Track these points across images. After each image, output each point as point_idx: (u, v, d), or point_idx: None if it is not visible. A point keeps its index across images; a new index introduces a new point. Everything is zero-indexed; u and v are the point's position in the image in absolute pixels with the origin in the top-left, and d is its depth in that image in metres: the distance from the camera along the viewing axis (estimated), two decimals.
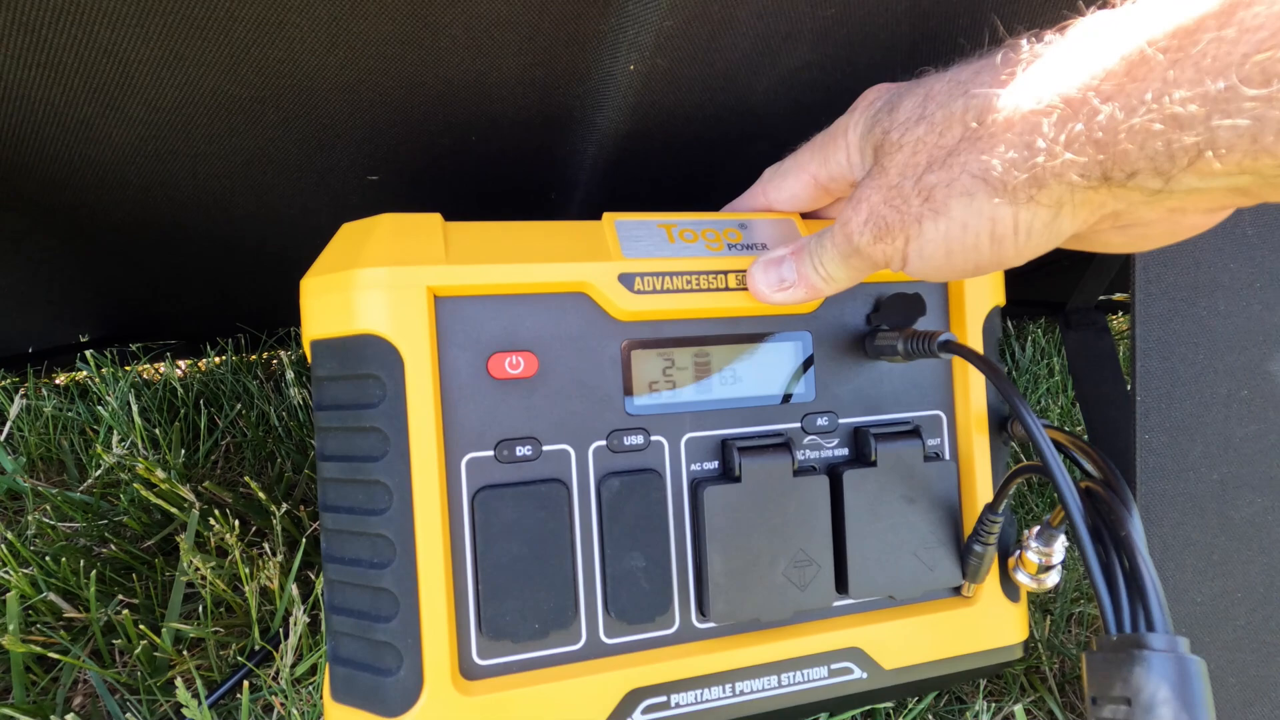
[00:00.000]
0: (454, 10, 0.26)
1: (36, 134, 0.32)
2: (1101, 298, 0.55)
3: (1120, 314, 0.87)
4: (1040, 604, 0.54)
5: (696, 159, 0.40)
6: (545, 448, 0.32)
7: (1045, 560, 0.35)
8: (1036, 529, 0.36)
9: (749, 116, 0.36)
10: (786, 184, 0.35)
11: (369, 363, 0.30)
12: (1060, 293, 0.58)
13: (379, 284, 0.30)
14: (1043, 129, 0.20)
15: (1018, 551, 0.36)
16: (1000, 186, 0.22)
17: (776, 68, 0.32)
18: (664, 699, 0.33)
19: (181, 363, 0.76)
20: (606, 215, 0.34)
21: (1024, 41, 0.22)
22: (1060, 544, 0.35)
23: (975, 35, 0.25)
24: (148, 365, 0.72)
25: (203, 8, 0.24)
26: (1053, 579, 0.36)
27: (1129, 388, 0.37)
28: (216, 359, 0.72)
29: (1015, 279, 0.43)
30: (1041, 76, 0.21)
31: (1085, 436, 0.52)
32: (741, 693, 0.34)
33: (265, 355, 0.76)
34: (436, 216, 0.32)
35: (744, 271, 0.34)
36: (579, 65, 0.32)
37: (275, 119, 0.32)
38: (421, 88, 0.31)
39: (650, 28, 0.28)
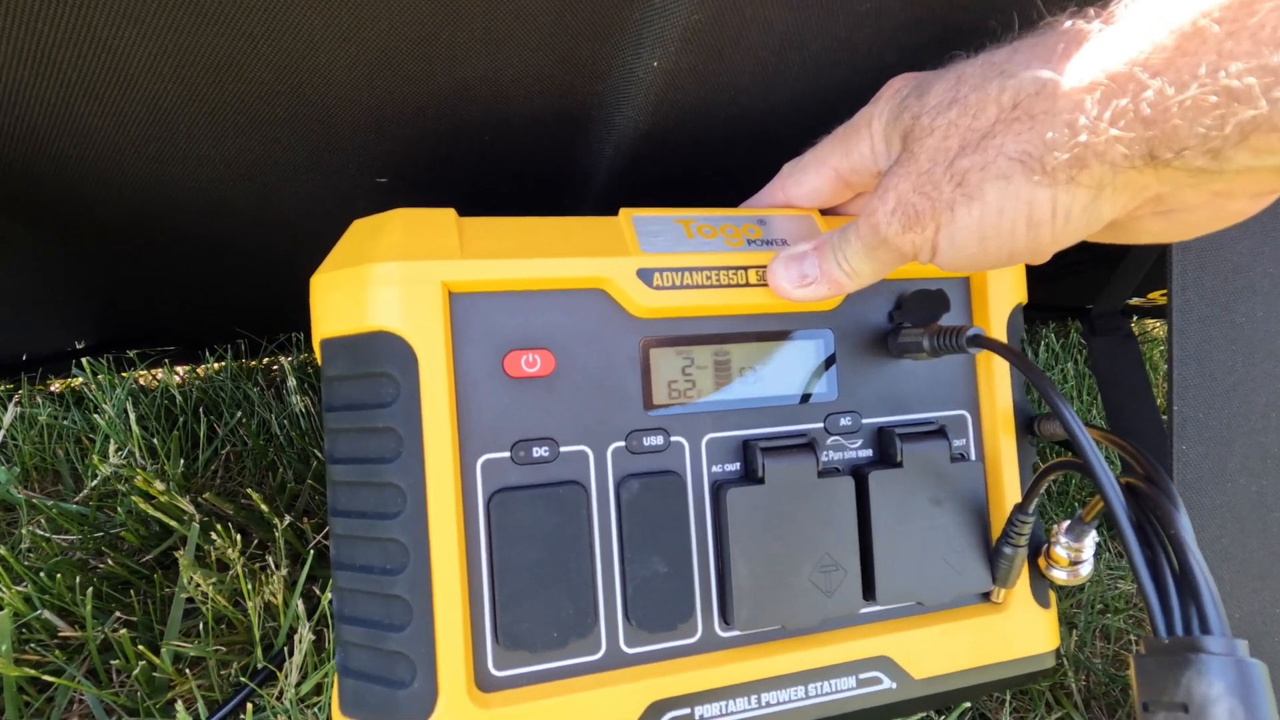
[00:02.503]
0: (473, 3, 0.26)
1: (32, 134, 0.31)
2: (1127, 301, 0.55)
3: (1135, 318, 0.86)
4: (1066, 617, 0.53)
5: (716, 158, 0.40)
6: (563, 449, 0.31)
7: (1075, 555, 0.34)
8: (1066, 524, 0.35)
9: (772, 115, 0.35)
10: (806, 178, 0.34)
11: (382, 361, 0.29)
12: (1081, 297, 0.57)
13: (392, 279, 0.29)
14: (1085, 106, 0.20)
15: (1046, 546, 0.35)
16: (1039, 168, 0.21)
17: (804, 65, 0.31)
18: (687, 711, 0.31)
19: (180, 369, 0.75)
20: (624, 210, 0.33)
21: (1064, 19, 0.22)
22: (1091, 539, 0.34)
23: (1008, 20, 0.25)
24: (145, 371, 0.71)
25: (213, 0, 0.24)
26: (1086, 569, 0.35)
27: (1164, 397, 0.36)
28: (216, 365, 0.70)
29: (1035, 282, 0.42)
30: (1084, 53, 0.20)
31: None
32: (768, 704, 0.32)
33: (266, 361, 0.74)
34: (450, 211, 0.31)
35: (764, 267, 0.33)
36: (599, 62, 0.31)
37: (282, 118, 0.31)
38: (435, 85, 0.30)
39: (677, 22, 0.27)
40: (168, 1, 0.24)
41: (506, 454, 0.30)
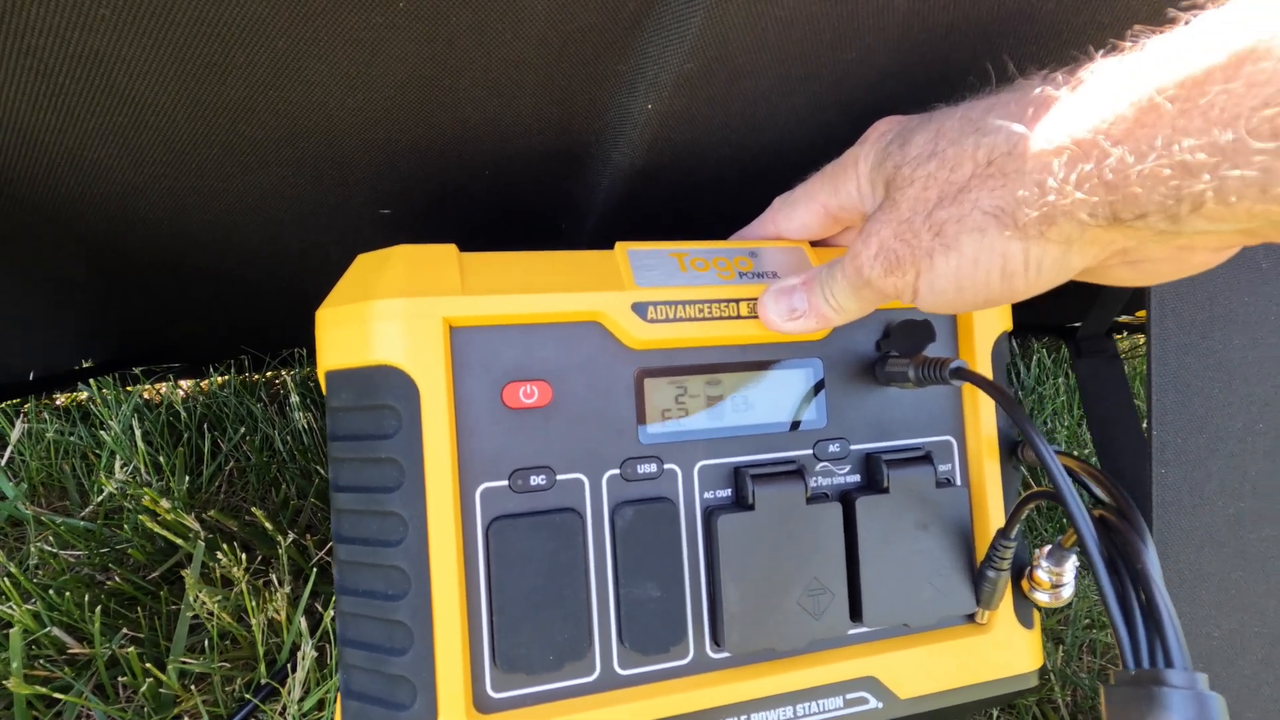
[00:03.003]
0: (474, 53, 0.27)
1: (49, 174, 0.32)
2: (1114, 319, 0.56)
3: (1125, 334, 0.87)
4: (1052, 633, 0.54)
5: (710, 194, 0.41)
6: (559, 477, 0.32)
7: (1056, 579, 0.35)
8: (1048, 549, 0.36)
9: (764, 154, 0.37)
10: (796, 213, 0.35)
11: (385, 393, 0.30)
12: (1069, 316, 0.58)
13: (395, 315, 0.30)
14: (1053, 169, 0.21)
15: (1028, 570, 0.36)
16: (1011, 223, 0.22)
17: (795, 108, 0.32)
18: None
19: (184, 383, 0.76)
20: (619, 245, 0.34)
21: (1035, 82, 0.23)
22: (1071, 564, 0.35)
23: (986, 74, 0.26)
24: (150, 386, 0.72)
25: (223, 53, 0.25)
26: (1067, 591, 0.36)
27: (1144, 422, 0.37)
28: (220, 379, 0.71)
29: (1024, 303, 0.43)
30: (1053, 118, 0.21)
31: (1095, 461, 0.52)
32: None
33: (269, 375, 0.76)
34: (452, 247, 0.32)
35: (755, 300, 0.34)
36: (596, 103, 0.32)
37: (290, 157, 0.33)
38: (438, 127, 0.32)
39: (670, 70, 0.29)
40: (184, 56, 0.25)
41: (505, 483, 0.31)
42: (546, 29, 0.27)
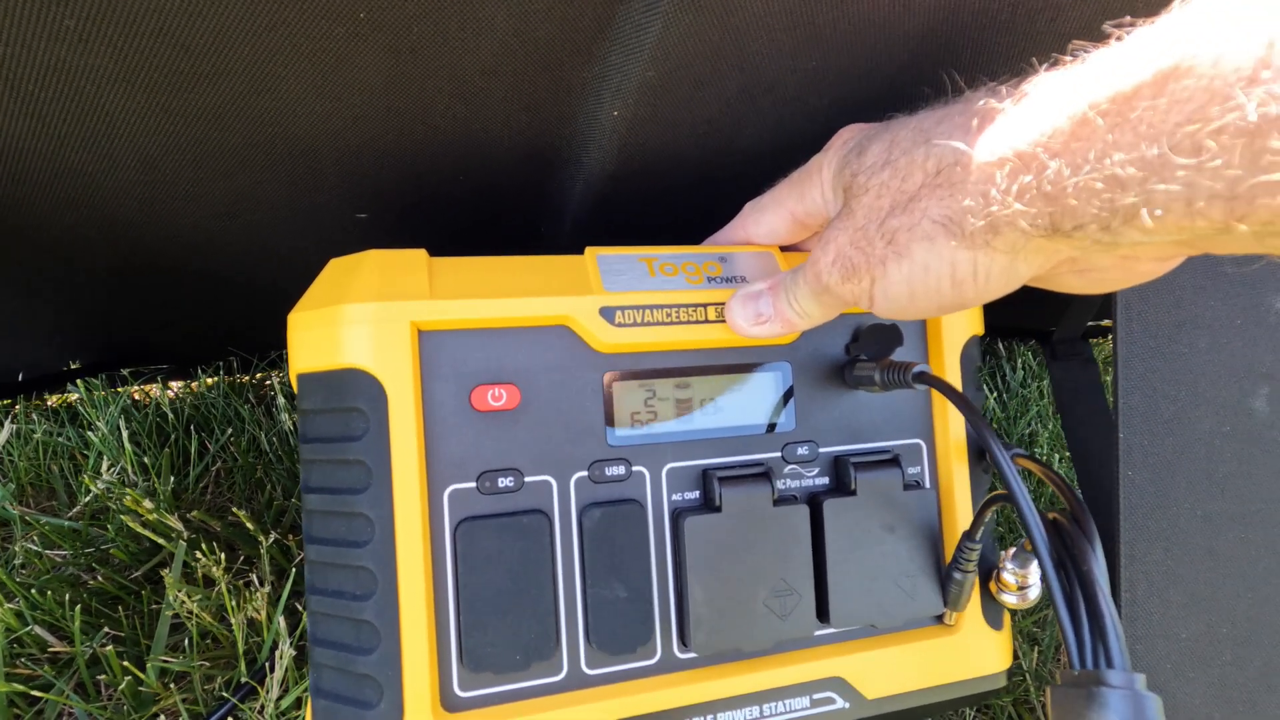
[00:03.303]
0: (439, 62, 0.27)
1: (28, 178, 0.32)
2: (1089, 323, 0.56)
3: (1107, 337, 0.88)
4: (1028, 635, 0.55)
5: (683, 198, 0.41)
6: (527, 479, 0.32)
7: (1022, 581, 0.36)
8: (1013, 550, 0.36)
9: (734, 157, 0.37)
10: (765, 219, 0.35)
11: (353, 396, 0.30)
12: (1047, 320, 0.58)
13: (364, 319, 0.30)
14: (996, 180, 0.21)
15: (996, 572, 0.37)
16: (959, 232, 0.23)
17: (760, 115, 0.33)
18: None
19: (173, 384, 0.76)
20: (589, 250, 0.35)
21: (981, 94, 0.23)
22: (1035, 566, 0.36)
23: (940, 84, 0.26)
24: (138, 387, 0.72)
25: (189, 63, 0.25)
26: (1034, 593, 0.36)
27: (1113, 423, 0.37)
28: (208, 380, 0.72)
29: (1002, 306, 0.43)
30: (996, 130, 0.22)
31: (1072, 465, 0.52)
32: None
33: (258, 377, 0.76)
34: (421, 252, 0.33)
35: (723, 304, 0.34)
36: (564, 110, 0.33)
37: (264, 163, 0.33)
38: (408, 133, 0.32)
39: (633, 78, 0.29)
40: (150, 66, 0.26)
41: (473, 484, 0.32)
42: (509, 38, 0.27)
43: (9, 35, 0.23)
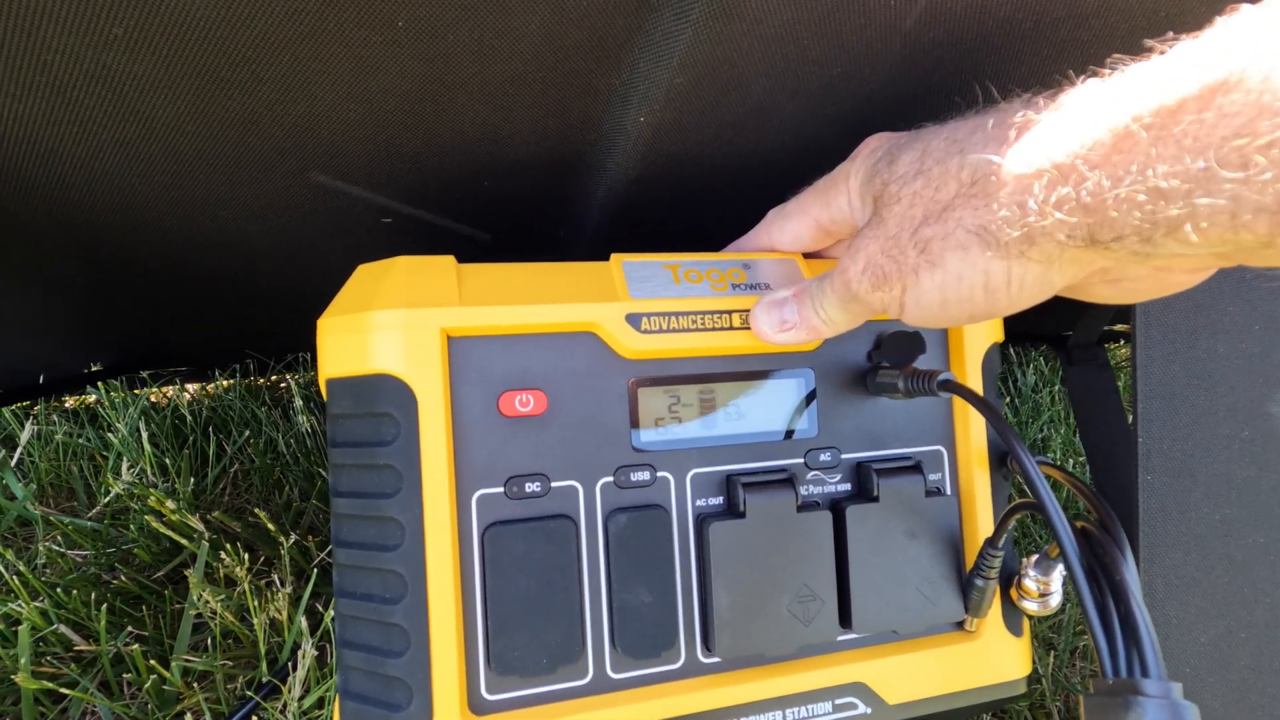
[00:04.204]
0: (472, 70, 0.28)
1: (62, 184, 0.33)
2: (1104, 328, 0.56)
3: (1121, 342, 0.88)
4: (1044, 639, 0.54)
5: (705, 202, 0.42)
6: (554, 484, 0.33)
7: (1044, 588, 0.36)
8: (1035, 557, 0.36)
9: (757, 163, 0.37)
10: (789, 225, 0.36)
11: (384, 401, 0.31)
12: (1062, 325, 0.58)
13: (394, 325, 0.31)
14: (1033, 190, 0.21)
15: (1017, 579, 0.37)
16: (993, 242, 0.23)
17: (784, 120, 0.33)
18: None
19: (190, 386, 0.77)
20: (614, 256, 0.35)
21: (1017, 105, 0.23)
22: (1058, 573, 0.36)
23: (970, 93, 0.26)
24: (156, 389, 0.73)
25: (230, 69, 0.26)
26: (1055, 600, 0.36)
27: (1130, 427, 0.37)
28: (225, 383, 0.72)
29: (1017, 313, 0.44)
30: (1034, 141, 0.22)
31: (1088, 471, 0.52)
32: None
33: (274, 379, 0.77)
34: (450, 259, 0.33)
35: (747, 311, 0.35)
36: (590, 116, 0.33)
37: (294, 168, 0.34)
38: (437, 139, 0.32)
39: (660, 84, 0.29)
40: (193, 73, 0.26)
41: (500, 489, 0.32)
42: (541, 46, 0.27)
43: (59, 44, 0.23)
